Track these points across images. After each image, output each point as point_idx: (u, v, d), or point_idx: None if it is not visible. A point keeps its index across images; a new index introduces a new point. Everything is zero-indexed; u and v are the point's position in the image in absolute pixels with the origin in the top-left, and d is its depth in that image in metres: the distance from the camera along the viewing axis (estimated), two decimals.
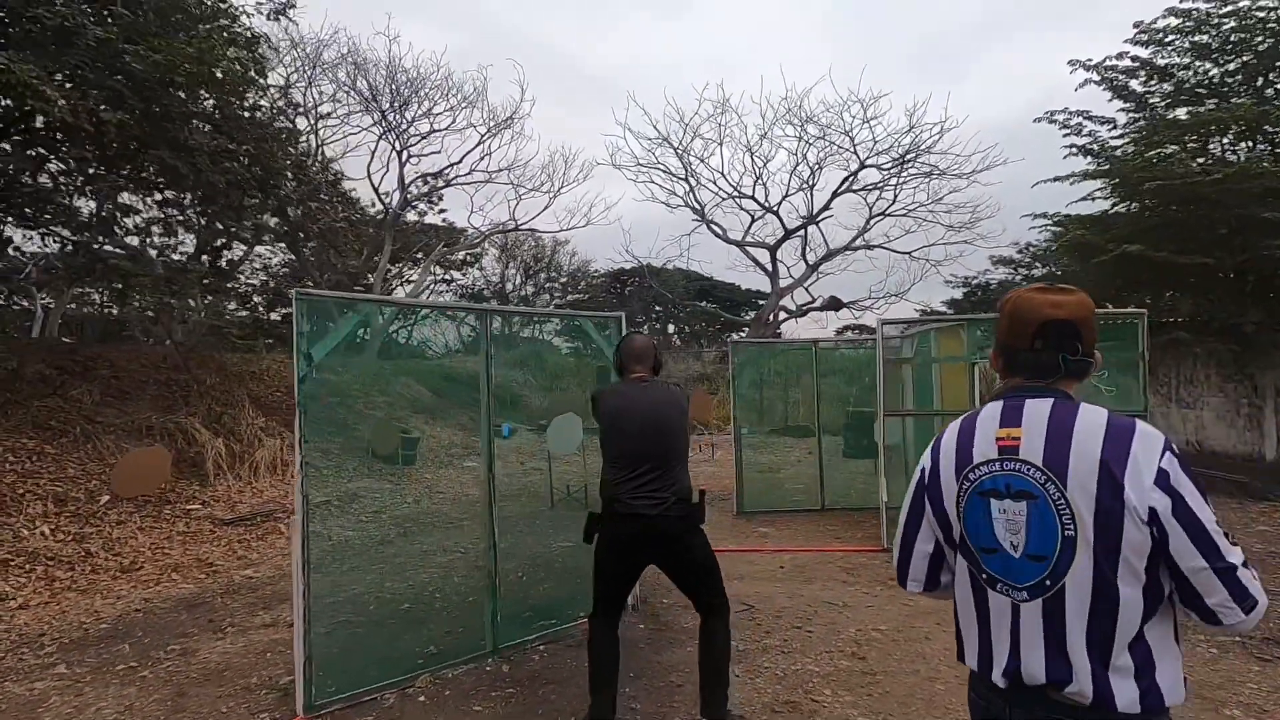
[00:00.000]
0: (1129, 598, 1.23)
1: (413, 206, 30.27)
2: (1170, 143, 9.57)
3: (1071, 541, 1.25)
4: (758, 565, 5.65)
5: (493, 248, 37.94)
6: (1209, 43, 9.62)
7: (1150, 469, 1.23)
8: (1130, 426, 1.27)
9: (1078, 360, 1.37)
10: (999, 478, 1.34)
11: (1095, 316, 1.42)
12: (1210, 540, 1.20)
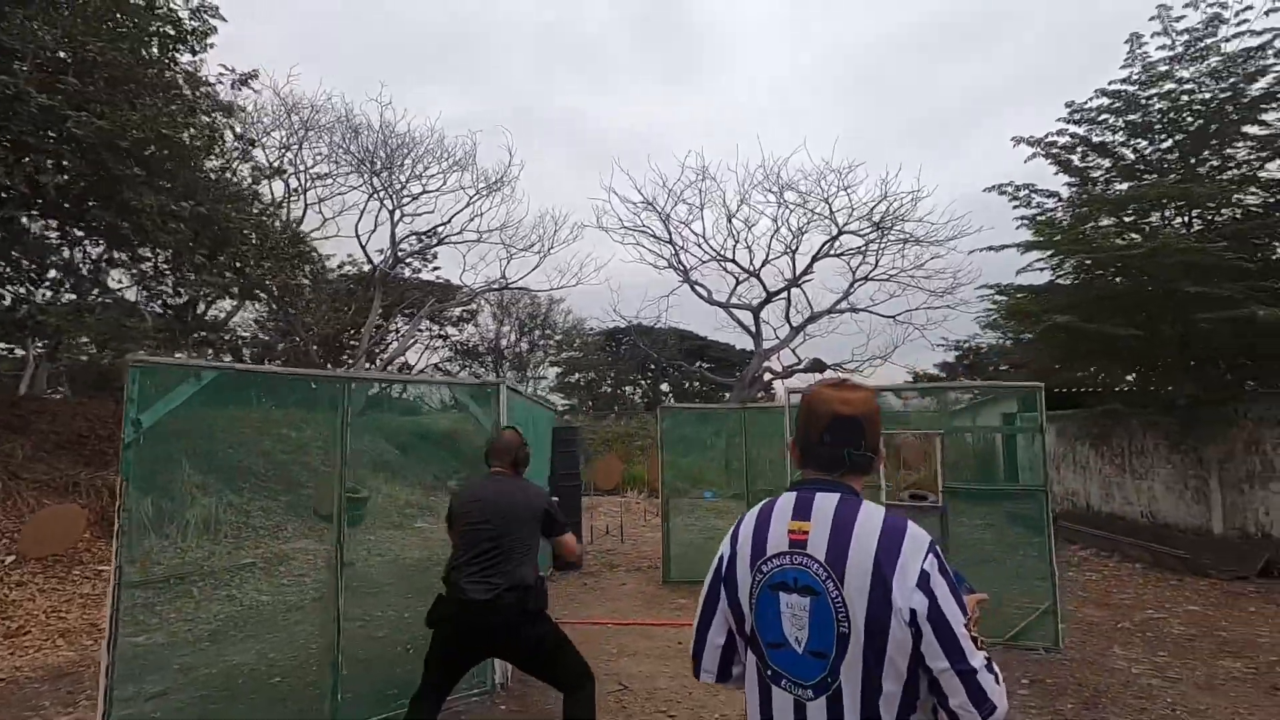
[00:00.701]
0: (891, 694, 1.26)
1: (405, 264, 30.81)
2: (1106, 215, 9.78)
3: (845, 639, 1.28)
4: (656, 641, 5.48)
5: (488, 305, 38.46)
6: (1142, 121, 9.94)
7: (915, 570, 1.27)
8: (902, 528, 1.32)
9: (860, 455, 1.41)
10: (788, 571, 1.35)
11: (879, 415, 1.47)
12: (957, 642, 1.25)
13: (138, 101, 7.88)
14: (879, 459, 1.47)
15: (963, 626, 1.27)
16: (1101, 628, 5.87)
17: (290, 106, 22.23)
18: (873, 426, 1.43)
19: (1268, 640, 5.47)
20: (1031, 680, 4.59)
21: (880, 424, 1.46)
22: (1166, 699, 4.26)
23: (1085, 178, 10.93)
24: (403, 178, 25.45)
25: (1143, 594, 7.05)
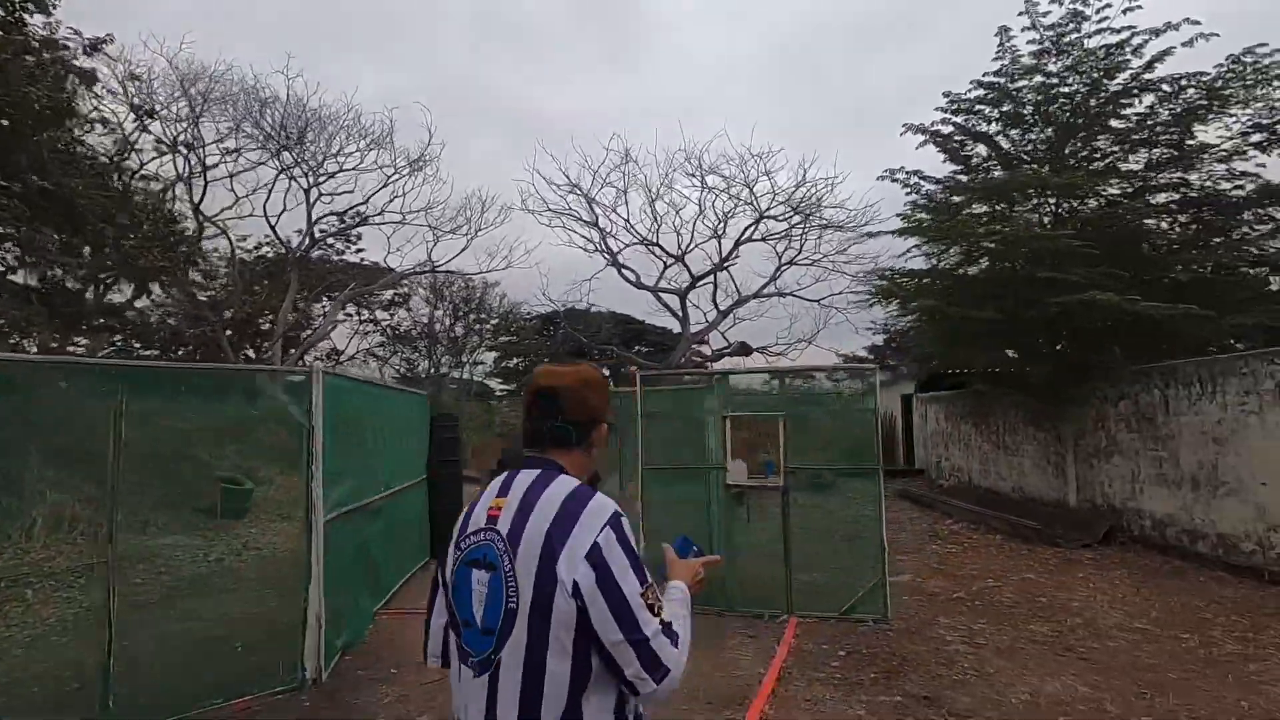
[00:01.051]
0: (556, 672, 1.23)
1: (325, 245, 29.55)
2: (979, 202, 10.16)
3: (512, 614, 1.25)
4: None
5: (421, 288, 37.38)
6: (1014, 112, 10.33)
7: (586, 542, 1.26)
8: (585, 500, 1.31)
9: (559, 427, 1.42)
10: (479, 548, 1.34)
11: (590, 387, 1.47)
12: (630, 613, 1.23)
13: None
14: (596, 432, 1.47)
15: (637, 596, 1.25)
16: (939, 598, 6.14)
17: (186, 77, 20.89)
18: (575, 399, 1.44)
19: (1079, 604, 5.83)
20: (849, 652, 4.76)
21: (594, 398, 1.47)
22: (964, 664, 4.48)
23: (968, 165, 11.33)
24: (317, 155, 24.34)
25: (990, 564, 7.42)
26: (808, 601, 5.78)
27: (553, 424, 1.43)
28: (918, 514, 10.88)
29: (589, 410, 1.46)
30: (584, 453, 1.47)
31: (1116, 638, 4.99)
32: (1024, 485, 10.60)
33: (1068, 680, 4.19)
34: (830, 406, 7.05)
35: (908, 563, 7.55)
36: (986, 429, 11.70)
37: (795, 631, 5.19)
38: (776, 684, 4.16)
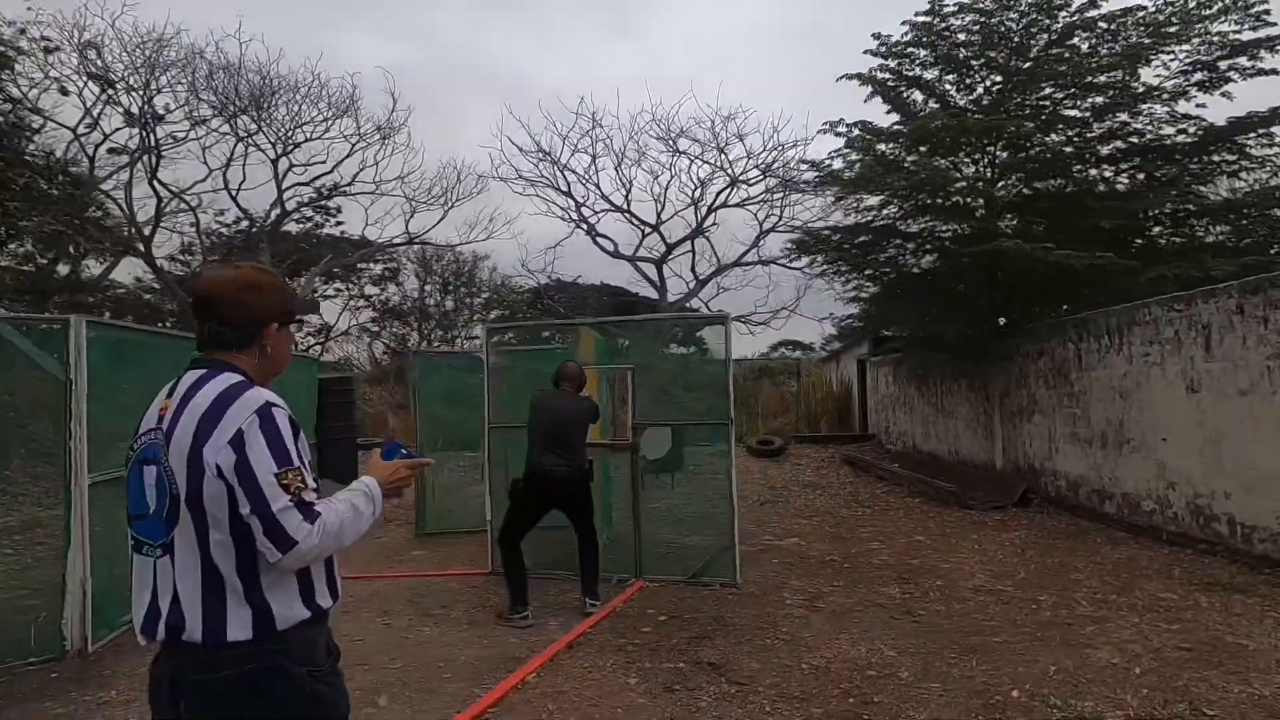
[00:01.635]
0: (222, 541, 1.36)
1: (301, 218, 29.20)
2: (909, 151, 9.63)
3: (176, 500, 1.37)
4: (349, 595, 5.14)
5: (409, 262, 37.04)
6: (949, 54, 9.75)
7: (231, 430, 1.36)
8: (235, 395, 1.40)
9: (216, 329, 1.49)
10: (149, 446, 1.43)
11: (249, 290, 1.51)
12: (254, 489, 1.34)
13: None
14: (265, 332, 1.52)
15: (270, 475, 1.35)
16: (810, 561, 5.83)
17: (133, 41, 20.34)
18: (231, 303, 1.49)
19: (950, 567, 5.50)
20: (670, 617, 4.45)
21: (254, 300, 1.51)
22: (784, 629, 4.17)
23: (909, 114, 10.77)
24: (285, 123, 23.80)
25: (887, 528, 7.10)
26: (660, 565, 5.48)
27: (210, 329, 1.50)
28: (853, 479, 10.54)
29: (249, 312, 1.50)
30: (256, 352, 1.52)
31: (967, 600, 4.66)
32: (959, 448, 10.24)
33: (883, 644, 3.87)
34: (686, 360, 6.68)
35: (804, 526, 7.24)
36: (927, 392, 11.30)
37: (631, 596, 4.89)
38: (565, 651, 3.86)
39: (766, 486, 10.00)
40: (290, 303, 1.60)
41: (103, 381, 4.34)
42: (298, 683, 1.41)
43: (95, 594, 4.22)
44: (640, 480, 5.47)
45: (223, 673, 1.36)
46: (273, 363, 1.57)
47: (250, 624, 1.36)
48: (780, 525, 7.32)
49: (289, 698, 1.40)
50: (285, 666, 1.40)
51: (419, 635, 4.23)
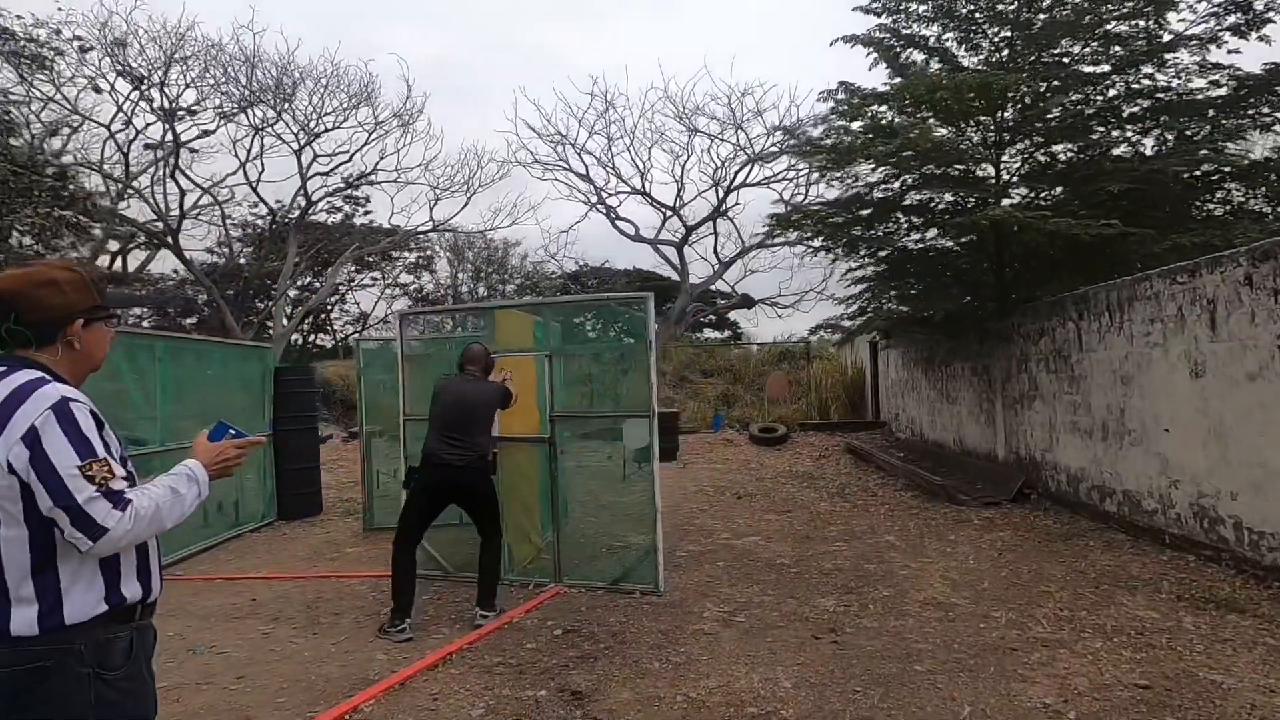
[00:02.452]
0: (13, 538, 1.36)
1: (326, 207, 29.61)
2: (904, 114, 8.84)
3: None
4: (250, 598, 4.87)
5: (442, 251, 37.36)
6: (950, 7, 8.91)
7: (23, 426, 1.36)
8: (29, 391, 1.39)
9: (13, 329, 1.46)
10: None
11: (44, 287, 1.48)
12: (56, 484, 1.34)
13: None
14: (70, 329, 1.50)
15: (72, 468, 1.36)
16: (757, 564, 5.32)
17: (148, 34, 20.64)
18: (28, 301, 1.47)
19: (909, 574, 4.92)
20: (567, 630, 4.02)
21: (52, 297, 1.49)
22: (684, 649, 3.69)
23: (907, 76, 9.94)
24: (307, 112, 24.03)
25: (859, 525, 6.51)
26: (585, 568, 5.05)
27: (7, 326, 1.46)
28: (849, 470, 9.92)
29: (48, 310, 1.49)
30: (61, 348, 1.51)
31: (908, 616, 4.10)
32: (963, 437, 9.50)
33: (784, 672, 3.37)
34: (609, 345, 6.17)
35: (771, 524, 6.70)
36: (934, 376, 10.54)
37: (539, 604, 4.48)
38: (428, 671, 3.48)
39: (754, 478, 9.46)
40: (96, 298, 1.56)
41: None
42: (81, 683, 1.38)
43: None
44: (558, 476, 5.01)
45: (2, 669, 1.34)
46: (85, 358, 1.56)
47: (35, 620, 1.35)
48: (747, 522, 6.80)
49: (70, 699, 1.37)
50: (69, 665, 1.37)
51: (288, 648, 3.90)
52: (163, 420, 5.93)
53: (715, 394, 19.41)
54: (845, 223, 8.97)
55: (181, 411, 6.24)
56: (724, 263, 28.49)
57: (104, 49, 20.39)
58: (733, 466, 10.61)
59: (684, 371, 22.48)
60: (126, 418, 5.57)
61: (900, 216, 9.12)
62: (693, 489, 8.78)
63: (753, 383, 19.47)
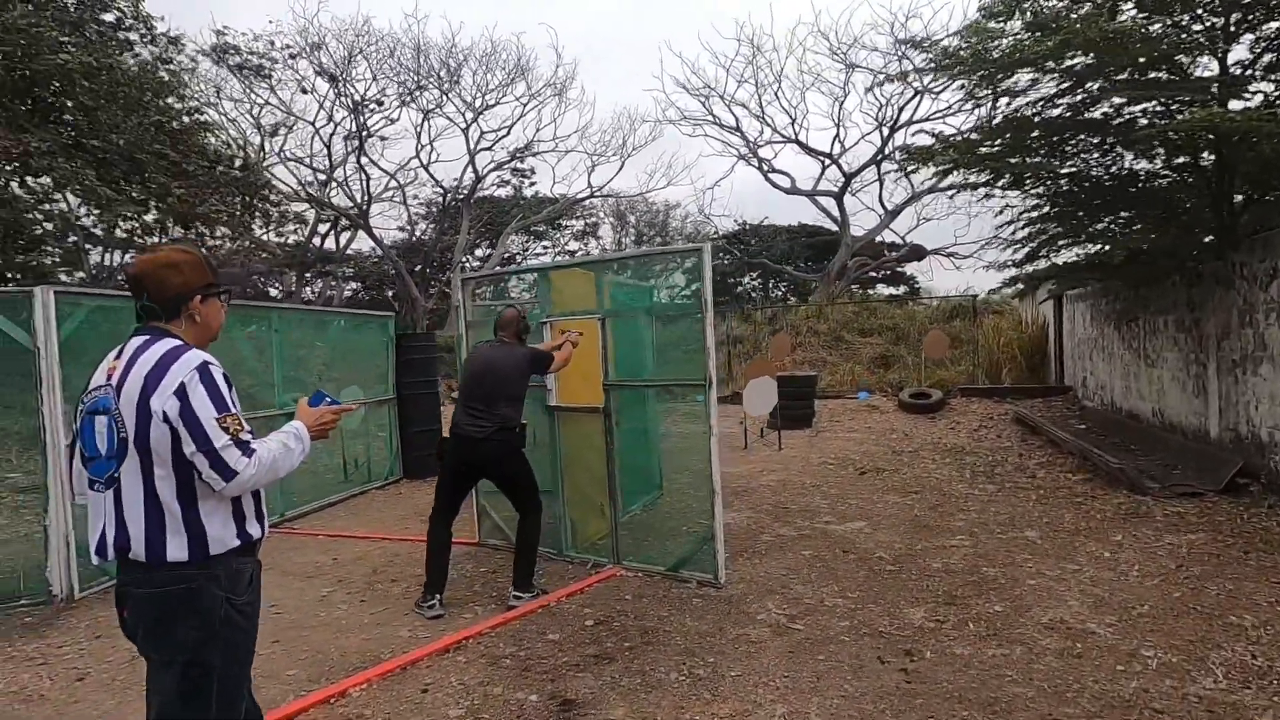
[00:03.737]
0: (165, 476, 1.64)
1: (495, 180, 31.60)
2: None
3: (124, 443, 1.64)
4: (333, 557, 5.13)
5: (606, 216, 38.58)
6: None
7: (175, 383, 1.63)
8: (176, 356, 1.67)
9: (147, 305, 1.75)
10: (99, 399, 1.70)
11: (168, 269, 1.75)
12: (199, 431, 1.62)
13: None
14: (190, 304, 1.77)
15: (211, 420, 1.63)
16: (846, 559, 4.55)
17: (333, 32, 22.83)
18: (154, 282, 1.74)
19: (1036, 585, 3.90)
20: (601, 620, 3.65)
21: (174, 278, 1.75)
22: (716, 657, 3.16)
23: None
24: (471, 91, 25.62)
25: (998, 516, 5.40)
26: (642, 550, 4.64)
27: (143, 304, 1.75)
28: (1012, 444, 8.46)
29: (171, 288, 1.75)
30: (187, 321, 1.78)
31: (1019, 643, 3.20)
32: (1164, 408, 7.64)
33: (817, 709, 2.72)
34: (659, 306, 5.46)
35: (888, 507, 5.81)
36: (1128, 333, 8.59)
37: (587, 587, 4.15)
38: (438, 655, 3.30)
39: (890, 451, 8.40)
40: (210, 276, 1.82)
41: (85, 347, 4.58)
42: (217, 604, 1.67)
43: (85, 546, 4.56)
44: (613, 448, 4.59)
45: (158, 589, 1.65)
46: (204, 329, 1.82)
47: (187, 547, 1.65)
48: (859, 504, 5.96)
49: (208, 617, 1.66)
50: (210, 588, 1.67)
51: (332, 615, 3.94)
52: (279, 385, 6.38)
53: (872, 355, 17.86)
54: (1003, 150, 7.42)
55: (307, 377, 6.71)
56: (890, 211, 26.06)
57: (305, 54, 22.99)
58: (870, 436, 9.54)
59: (840, 331, 20.93)
60: (245, 384, 6.05)
61: (1080, 137, 7.37)
62: (815, 461, 7.97)
63: (916, 343, 17.62)
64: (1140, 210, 7.09)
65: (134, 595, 1.67)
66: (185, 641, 1.65)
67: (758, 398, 9.01)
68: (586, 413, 4.73)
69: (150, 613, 1.65)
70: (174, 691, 1.66)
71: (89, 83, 9.65)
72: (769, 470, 7.56)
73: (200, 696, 1.67)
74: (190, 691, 1.66)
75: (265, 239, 23.22)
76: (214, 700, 1.68)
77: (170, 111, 11.51)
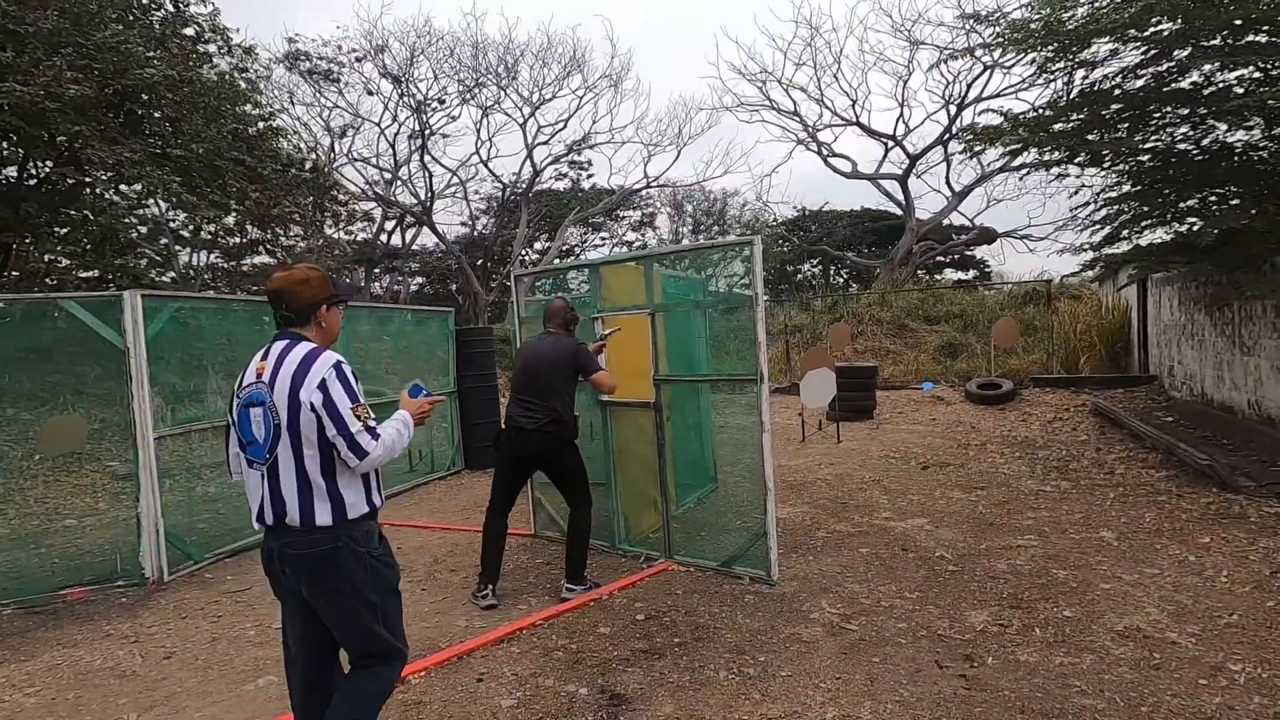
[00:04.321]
0: (312, 456, 2.01)
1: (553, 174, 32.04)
2: None
3: (278, 429, 2.00)
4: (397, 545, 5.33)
5: (665, 206, 38.60)
6: None
7: (318, 378, 1.99)
8: (316, 355, 2.04)
9: (287, 314, 2.12)
10: (254, 393, 2.05)
11: (301, 284, 2.12)
12: (338, 419, 1.98)
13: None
14: (319, 312, 2.13)
15: (347, 410, 1.99)
16: (904, 558, 4.42)
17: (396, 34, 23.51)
18: (290, 294, 2.11)
19: (1110, 590, 3.69)
20: (651, 615, 3.67)
21: (306, 292, 2.11)
22: (767, 656, 3.13)
23: None
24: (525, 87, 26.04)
25: (1071, 515, 5.13)
26: (694, 545, 4.63)
27: (281, 313, 2.12)
28: (1089, 437, 8.03)
29: (304, 300, 2.11)
30: (316, 327, 2.13)
31: (1090, 651, 3.04)
32: (1261, 399, 7.08)
33: (869, 711, 2.66)
34: (709, 300, 5.34)
35: (951, 504, 5.61)
36: (1221, 318, 7.99)
37: (638, 581, 4.18)
38: (492, 646, 3.39)
39: (956, 444, 8.10)
40: (333, 289, 2.18)
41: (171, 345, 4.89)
42: (361, 558, 2.05)
43: (174, 532, 4.89)
44: (664, 443, 4.58)
45: (311, 548, 2.01)
46: (329, 333, 2.18)
47: (330, 513, 2.02)
48: (921, 500, 5.78)
49: (355, 569, 2.04)
50: (352, 547, 2.04)
51: None
52: None
53: (938, 344, 17.25)
54: (1080, 126, 6.99)
55: (374, 370, 6.98)
56: (958, 193, 25.07)
57: (370, 56, 23.81)
58: (935, 429, 9.22)
59: (904, 319, 20.29)
60: None
61: (1166, 109, 6.86)
62: (875, 454, 7.77)
63: (985, 330, 16.89)
64: (1234, 186, 6.57)
65: (290, 555, 2.02)
66: (343, 588, 2.03)
67: (815, 389, 8.82)
68: (638, 407, 4.74)
69: (308, 567, 2.01)
70: (352, 625, 2.06)
71: (173, 95, 10.25)
72: (827, 464, 7.41)
73: (372, 624, 2.06)
74: (364, 622, 2.05)
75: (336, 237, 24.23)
76: (381, 626, 2.08)
77: (246, 118, 12.09)
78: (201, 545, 5.11)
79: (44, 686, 3.25)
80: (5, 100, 7.79)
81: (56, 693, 3.19)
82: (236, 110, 11.95)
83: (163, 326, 4.84)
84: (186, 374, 5.09)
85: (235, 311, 5.90)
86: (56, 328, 4.52)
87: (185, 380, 5.12)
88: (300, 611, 2.10)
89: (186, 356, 5.06)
